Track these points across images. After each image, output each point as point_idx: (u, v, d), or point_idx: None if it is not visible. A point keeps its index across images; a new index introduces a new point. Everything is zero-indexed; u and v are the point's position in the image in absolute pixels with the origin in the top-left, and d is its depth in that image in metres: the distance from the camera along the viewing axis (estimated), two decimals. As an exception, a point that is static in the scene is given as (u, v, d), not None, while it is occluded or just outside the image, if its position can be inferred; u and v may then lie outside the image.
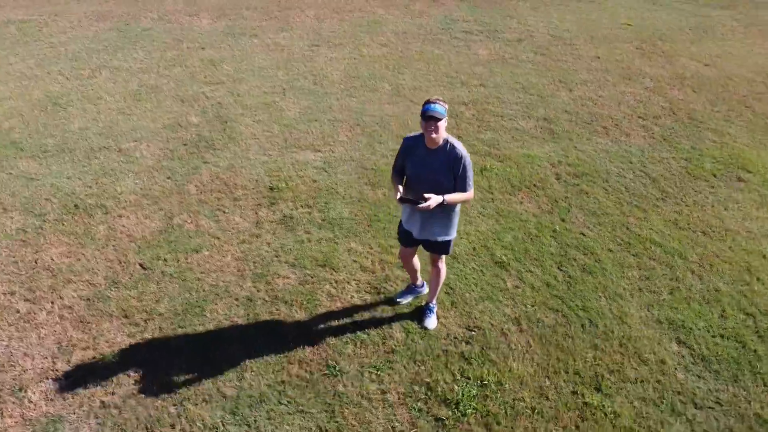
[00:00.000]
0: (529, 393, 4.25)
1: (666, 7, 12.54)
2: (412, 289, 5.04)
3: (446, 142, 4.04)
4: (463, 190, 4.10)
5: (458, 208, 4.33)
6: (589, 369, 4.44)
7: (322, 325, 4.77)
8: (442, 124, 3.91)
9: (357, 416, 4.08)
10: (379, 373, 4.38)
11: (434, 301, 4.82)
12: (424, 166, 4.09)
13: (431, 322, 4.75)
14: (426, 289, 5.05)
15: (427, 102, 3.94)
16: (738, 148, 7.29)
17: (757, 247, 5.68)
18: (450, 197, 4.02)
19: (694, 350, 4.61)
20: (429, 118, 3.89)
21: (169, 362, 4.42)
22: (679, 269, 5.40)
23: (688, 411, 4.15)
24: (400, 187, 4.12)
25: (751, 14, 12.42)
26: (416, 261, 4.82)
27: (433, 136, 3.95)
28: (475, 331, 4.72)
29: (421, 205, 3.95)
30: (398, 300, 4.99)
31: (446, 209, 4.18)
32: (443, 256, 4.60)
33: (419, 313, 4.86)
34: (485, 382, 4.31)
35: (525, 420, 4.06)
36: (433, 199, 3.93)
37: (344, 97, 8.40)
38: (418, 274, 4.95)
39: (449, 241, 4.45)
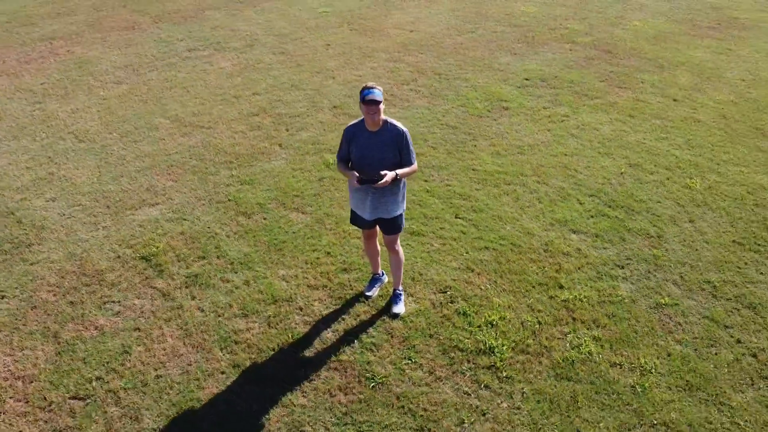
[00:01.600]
0: (525, 312, 4.97)
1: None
2: (375, 279, 5.21)
3: (385, 122, 4.41)
4: (409, 162, 4.48)
5: (404, 186, 4.69)
6: (542, 277, 5.36)
7: (322, 351, 4.65)
8: (381, 108, 4.26)
9: (431, 402, 4.24)
10: (412, 360, 4.56)
11: (400, 287, 5.09)
12: (369, 147, 4.39)
13: (399, 307, 4.98)
14: (386, 278, 5.29)
15: (366, 88, 4.26)
16: (484, 87, 9.01)
17: (557, 150, 7.34)
18: (402, 171, 4.40)
19: (585, 232, 5.92)
20: (370, 102, 4.22)
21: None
22: (530, 184, 6.69)
23: (610, 272, 5.41)
24: (354, 172, 4.34)
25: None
26: (377, 246, 5.04)
27: (375, 118, 4.28)
28: (448, 291, 5.20)
29: (380, 182, 4.23)
30: (368, 294, 5.13)
31: (396, 185, 4.52)
32: (398, 240, 4.89)
33: (387, 302, 5.08)
34: (492, 322, 4.87)
35: (539, 332, 4.79)
36: (389, 175, 4.26)
37: (127, 143, 7.55)
38: (379, 261, 5.16)
39: (400, 215, 4.74)
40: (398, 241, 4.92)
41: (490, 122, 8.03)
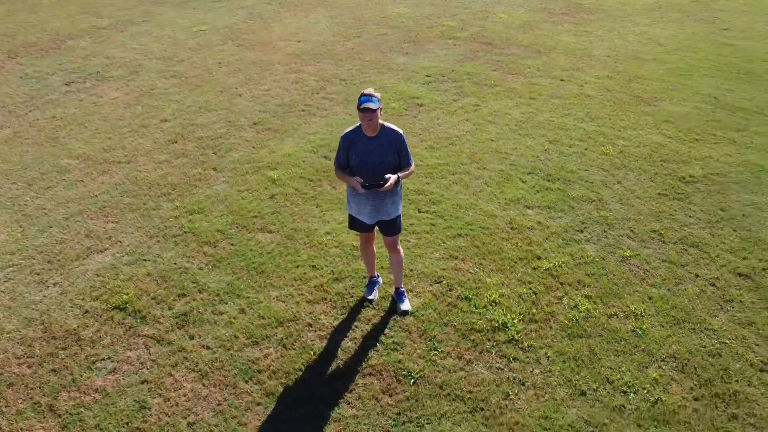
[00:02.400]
0: (518, 286, 5.34)
1: (223, 9, 13.47)
2: (373, 282, 5.29)
3: (382, 126, 4.52)
4: (407, 164, 4.64)
5: (401, 188, 4.84)
6: (519, 252, 5.77)
7: (349, 360, 4.67)
8: (378, 114, 4.38)
9: (472, 384, 4.44)
10: (438, 350, 4.72)
11: (402, 285, 5.21)
12: (368, 153, 4.50)
13: (406, 304, 5.10)
14: (381, 280, 5.38)
15: (362, 95, 4.36)
16: (392, 87, 9.31)
17: (482, 137, 7.84)
18: (403, 174, 4.57)
19: (538, 206, 6.44)
20: (365, 110, 4.33)
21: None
22: (472, 171, 7.10)
23: (573, 238, 5.98)
24: (358, 177, 4.45)
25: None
26: (374, 249, 5.14)
27: (372, 124, 4.40)
28: (443, 280, 5.41)
29: (385, 186, 4.37)
30: (371, 298, 5.19)
31: (396, 188, 4.64)
32: (398, 240, 5.02)
33: (392, 302, 5.20)
34: (494, 301, 5.18)
35: (537, 301, 5.18)
36: (393, 178, 4.41)
37: (40, 190, 6.82)
38: (375, 264, 5.25)
39: (399, 216, 4.87)
40: (398, 242, 5.03)
41: (411, 119, 8.35)
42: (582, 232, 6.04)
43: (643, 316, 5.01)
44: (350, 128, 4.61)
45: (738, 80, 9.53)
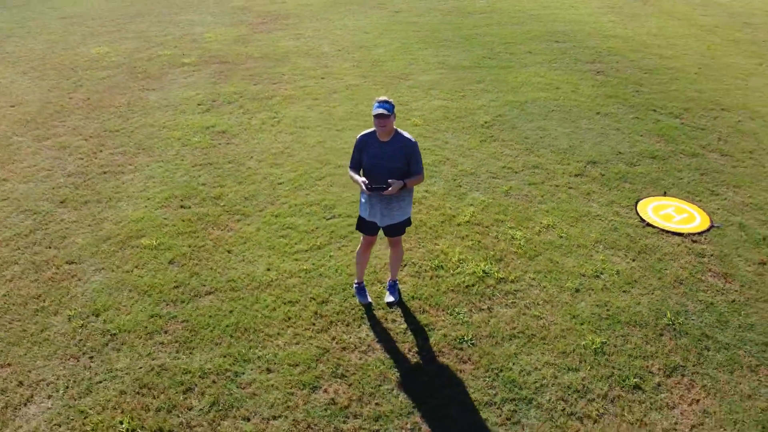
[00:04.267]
0: (463, 241, 6.13)
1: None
2: (362, 288, 5.42)
3: (396, 132, 4.71)
4: (417, 171, 4.75)
5: (412, 191, 5.02)
6: (437, 218, 6.52)
7: (409, 357, 4.86)
8: (391, 119, 4.58)
9: (513, 321, 5.12)
10: (460, 312, 5.23)
11: (396, 278, 5.42)
12: (380, 156, 4.69)
13: (389, 297, 5.34)
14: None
15: (377, 102, 4.54)
16: (180, 124, 8.75)
17: (325, 146, 8.17)
18: (409, 181, 4.73)
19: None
20: (378, 116, 4.53)
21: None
22: (317, 164, 7.45)
23: (461, 194, 7.03)
24: (365, 179, 4.66)
25: None
26: (369, 256, 5.31)
27: (385, 129, 4.62)
28: (407, 264, 5.84)
29: (388, 190, 4.62)
30: (367, 302, 5.33)
31: (404, 193, 4.86)
32: (401, 239, 5.20)
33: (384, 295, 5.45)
34: (461, 260, 5.87)
35: (488, 246, 6.07)
36: (396, 184, 4.58)
37: None
38: (364, 270, 5.39)
39: (405, 220, 5.07)
40: (401, 240, 5.20)
41: (230, 146, 8.11)
42: (461, 186, 7.08)
43: (555, 226, 6.34)
44: (366, 131, 4.71)
45: (444, 47, 11.76)
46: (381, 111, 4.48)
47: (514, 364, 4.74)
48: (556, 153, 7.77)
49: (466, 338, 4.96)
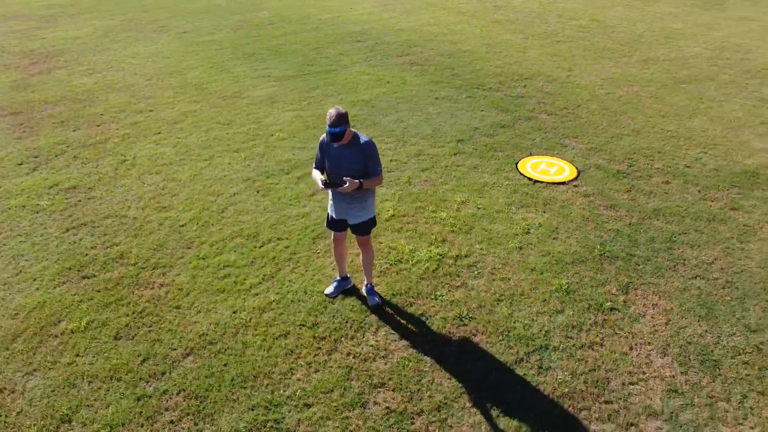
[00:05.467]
0: (393, 233, 6.44)
1: None
2: (339, 282, 5.55)
3: (354, 135, 4.84)
4: (374, 173, 4.88)
5: (373, 191, 5.14)
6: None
7: (423, 345, 5.07)
8: (346, 135, 4.72)
9: (491, 290, 5.62)
10: (440, 294, 5.58)
11: (371, 282, 5.51)
12: (339, 158, 4.85)
13: (372, 299, 5.43)
14: (351, 283, 5.62)
15: (329, 125, 4.61)
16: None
17: (205, 176, 7.61)
18: (366, 182, 4.87)
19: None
20: (332, 135, 4.66)
21: None
22: (207, 195, 7.10)
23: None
24: (322, 176, 4.89)
25: None
26: (344, 249, 5.43)
27: (340, 144, 4.78)
28: (390, 252, 5.96)
29: (342, 187, 4.76)
30: (327, 292, 5.49)
31: (363, 196, 5.01)
32: (369, 240, 5.29)
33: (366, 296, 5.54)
34: (411, 250, 6.18)
35: (438, 220, 6.48)
36: (351, 183, 4.70)
37: None
38: (345, 264, 5.52)
39: (370, 220, 5.18)
40: (369, 242, 5.29)
41: (95, 201, 7.16)
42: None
43: (467, 201, 6.99)
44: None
45: (257, 60, 11.65)
46: (332, 133, 4.62)
47: (514, 322, 5.25)
48: (427, 139, 8.44)
49: (462, 315, 5.31)
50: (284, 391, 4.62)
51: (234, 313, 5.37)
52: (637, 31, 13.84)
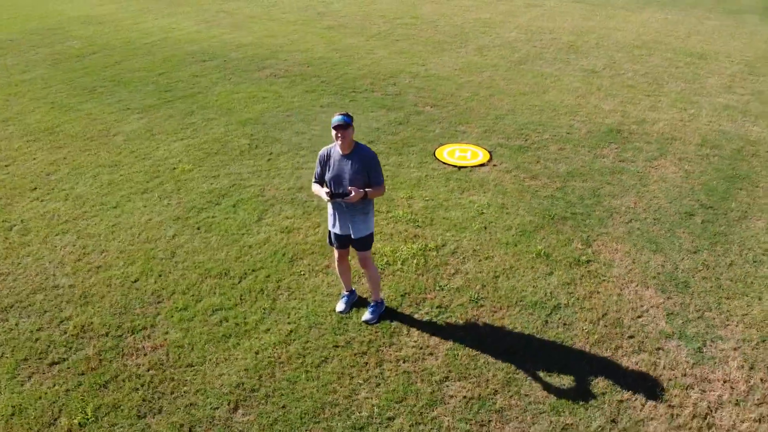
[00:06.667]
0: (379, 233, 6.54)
1: None
2: (348, 297, 5.54)
3: (356, 145, 4.87)
4: (377, 183, 4.91)
5: (372, 206, 5.12)
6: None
7: (448, 331, 5.30)
8: (349, 131, 4.74)
9: (491, 271, 6.01)
10: (445, 285, 5.84)
11: (379, 297, 5.44)
12: (342, 169, 4.87)
13: (367, 315, 5.36)
14: (356, 296, 5.61)
15: (336, 114, 4.70)
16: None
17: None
18: (370, 191, 4.93)
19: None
20: (337, 127, 4.70)
21: None
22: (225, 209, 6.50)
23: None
24: (325, 189, 4.90)
25: None
26: (348, 264, 5.45)
27: (344, 141, 4.74)
28: (374, 257, 5.98)
29: (348, 198, 4.82)
30: (338, 310, 5.46)
31: (365, 208, 5.04)
32: (369, 257, 5.26)
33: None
34: (393, 251, 6.31)
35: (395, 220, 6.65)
36: (357, 192, 4.77)
37: None
38: (350, 277, 5.54)
39: (369, 235, 5.16)
40: (370, 259, 5.28)
41: (15, 275, 6.04)
42: (307, 203, 7.21)
43: (412, 196, 7.28)
44: (328, 146, 4.86)
45: (103, 95, 10.52)
46: (338, 122, 4.64)
47: (521, 292, 5.72)
48: (338, 146, 8.51)
49: (475, 297, 5.64)
50: (360, 413, 4.51)
51: (257, 354, 5.04)
52: (456, 23, 15.25)
